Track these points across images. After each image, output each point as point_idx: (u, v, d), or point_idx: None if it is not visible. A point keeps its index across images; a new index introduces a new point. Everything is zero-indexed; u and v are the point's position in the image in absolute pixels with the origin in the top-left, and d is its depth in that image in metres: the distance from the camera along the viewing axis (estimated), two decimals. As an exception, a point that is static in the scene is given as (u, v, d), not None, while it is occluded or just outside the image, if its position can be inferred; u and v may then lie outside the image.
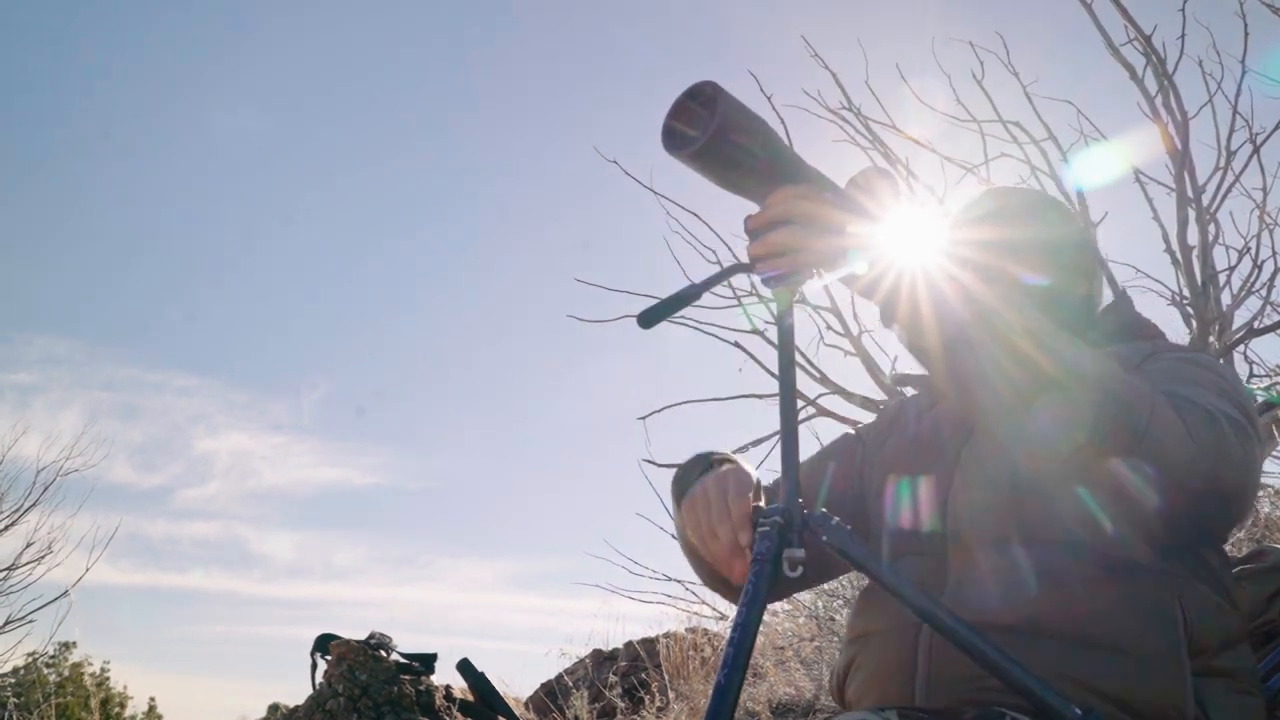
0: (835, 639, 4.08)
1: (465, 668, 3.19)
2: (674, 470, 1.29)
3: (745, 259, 1.16)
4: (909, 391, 1.53)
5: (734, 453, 1.21)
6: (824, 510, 1.03)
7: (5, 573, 9.50)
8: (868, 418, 3.15)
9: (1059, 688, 1.02)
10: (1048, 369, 1.00)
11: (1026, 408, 1.00)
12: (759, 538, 1.01)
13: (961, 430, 1.31)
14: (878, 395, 4.35)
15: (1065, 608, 1.10)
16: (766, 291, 1.14)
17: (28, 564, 9.54)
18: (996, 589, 1.14)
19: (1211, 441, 1.03)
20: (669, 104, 1.10)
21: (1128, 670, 1.06)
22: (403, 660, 2.91)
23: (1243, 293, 4.36)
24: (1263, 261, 4.29)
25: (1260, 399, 4.17)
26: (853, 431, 1.53)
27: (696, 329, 4.99)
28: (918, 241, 1.09)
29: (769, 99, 4.37)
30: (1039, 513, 1.16)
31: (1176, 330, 4.79)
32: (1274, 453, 4.37)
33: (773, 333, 3.19)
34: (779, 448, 1.10)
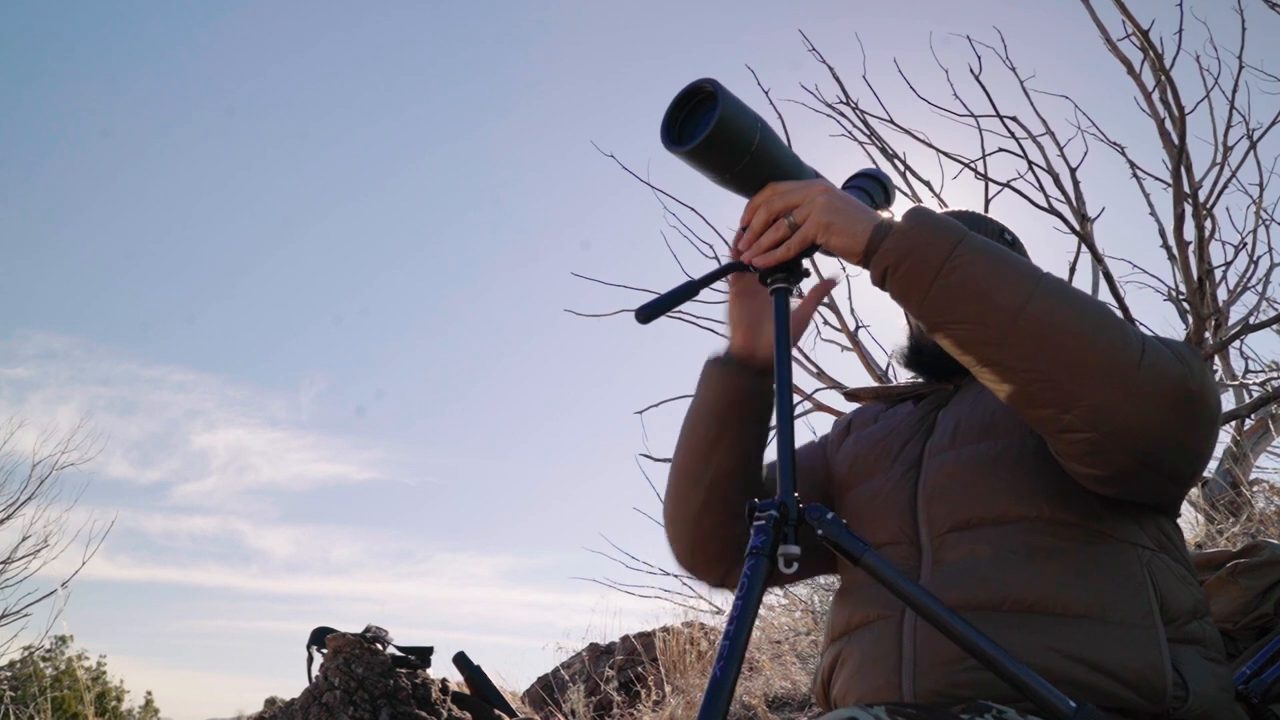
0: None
1: (461, 660, 3.19)
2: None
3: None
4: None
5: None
6: (819, 503, 1.04)
7: (1, 566, 9.50)
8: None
9: (1045, 660, 1.04)
10: (1085, 305, 1.07)
11: (1092, 342, 1.04)
12: (754, 531, 1.01)
13: (923, 425, 1.34)
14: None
15: (1042, 583, 1.12)
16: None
17: (24, 557, 9.56)
18: (973, 571, 1.15)
19: (1189, 354, 1.08)
20: (667, 99, 1.10)
21: (1109, 638, 1.08)
22: (399, 653, 2.91)
23: (1239, 288, 4.37)
24: (1259, 257, 4.30)
25: (1255, 394, 4.18)
26: (815, 439, 1.55)
27: (694, 324, 4.99)
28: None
29: (766, 93, 4.38)
30: (1007, 493, 1.18)
31: (1173, 326, 4.80)
32: (1270, 447, 4.38)
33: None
34: (774, 442, 1.10)
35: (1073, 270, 3.90)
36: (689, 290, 1.17)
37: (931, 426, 1.32)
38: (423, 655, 2.98)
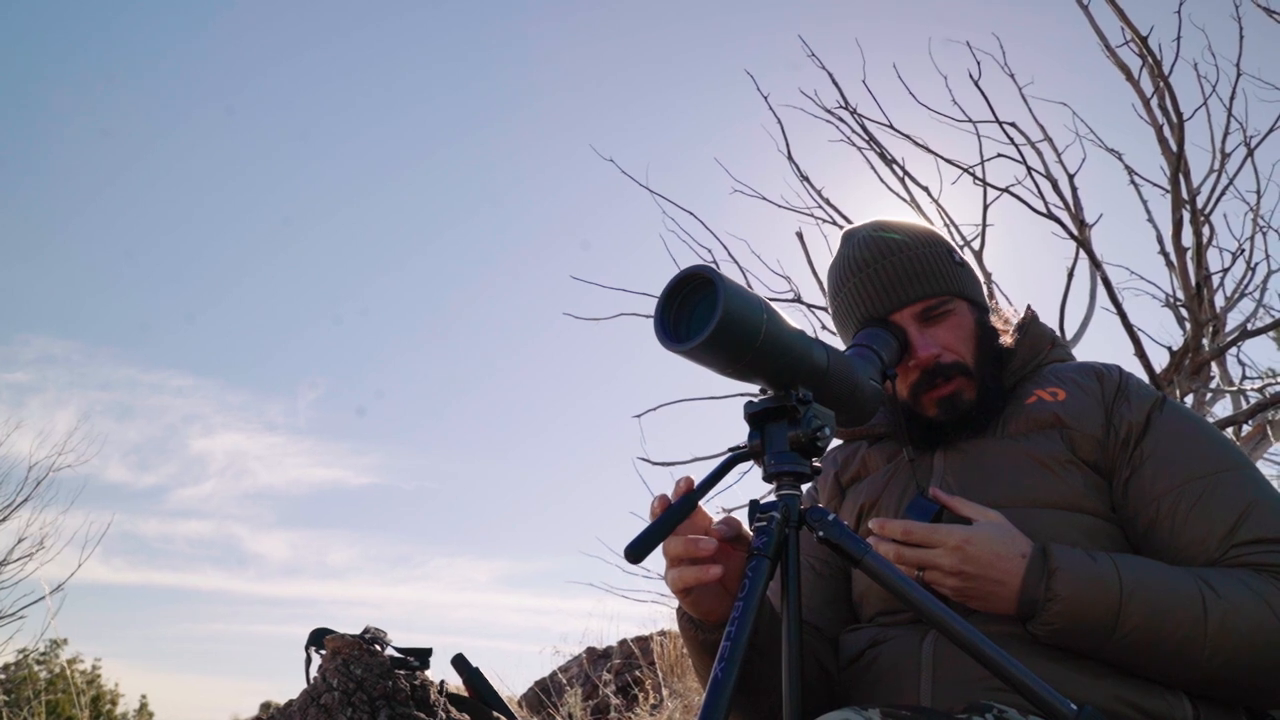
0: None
1: (460, 662, 3.18)
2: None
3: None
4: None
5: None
6: (820, 505, 1.04)
7: (-3, 568, 9.47)
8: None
9: (1061, 677, 1.04)
10: (1248, 616, 1.08)
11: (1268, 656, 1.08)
12: (756, 532, 1.02)
13: (922, 468, 1.32)
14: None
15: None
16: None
17: (19, 560, 9.52)
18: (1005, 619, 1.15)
19: None
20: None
21: (1132, 676, 1.10)
22: (397, 655, 2.90)
23: (1236, 295, 4.38)
24: (1256, 264, 4.31)
25: (1253, 400, 4.18)
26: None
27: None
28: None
29: (765, 98, 4.38)
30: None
31: (1171, 332, 4.80)
32: (1268, 454, 4.39)
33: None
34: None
35: (1071, 276, 3.91)
36: (685, 508, 1.03)
37: (929, 470, 1.31)
38: (422, 657, 2.97)
